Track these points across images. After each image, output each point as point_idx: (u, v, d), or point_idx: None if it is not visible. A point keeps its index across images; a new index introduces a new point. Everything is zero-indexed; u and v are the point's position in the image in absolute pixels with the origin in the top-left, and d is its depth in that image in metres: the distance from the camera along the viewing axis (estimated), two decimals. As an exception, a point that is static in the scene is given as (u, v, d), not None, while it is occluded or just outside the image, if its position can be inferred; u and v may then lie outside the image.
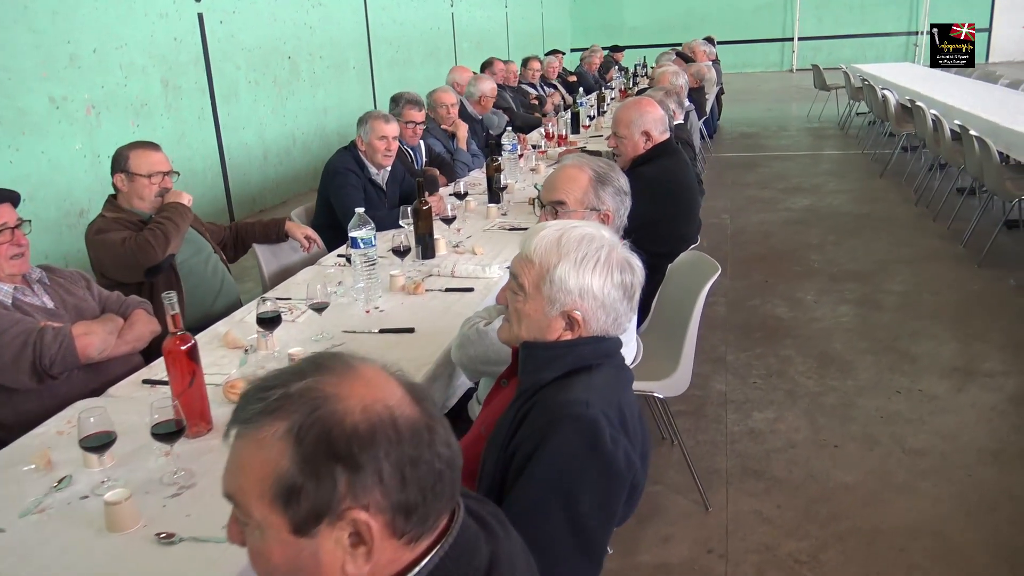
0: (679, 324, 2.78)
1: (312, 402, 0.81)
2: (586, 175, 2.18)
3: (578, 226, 1.50)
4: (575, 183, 2.19)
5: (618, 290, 1.46)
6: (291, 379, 0.84)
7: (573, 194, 2.18)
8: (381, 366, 0.91)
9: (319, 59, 9.08)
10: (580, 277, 1.44)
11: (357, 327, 2.55)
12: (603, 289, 1.45)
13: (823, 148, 10.24)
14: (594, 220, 2.11)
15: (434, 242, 3.27)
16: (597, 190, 2.16)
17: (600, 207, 2.16)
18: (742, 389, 3.73)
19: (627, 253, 1.50)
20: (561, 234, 1.48)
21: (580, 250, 1.45)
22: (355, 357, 0.91)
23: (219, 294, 3.09)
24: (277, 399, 0.82)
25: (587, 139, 6.26)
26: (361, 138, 3.88)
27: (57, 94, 5.59)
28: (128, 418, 1.97)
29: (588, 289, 1.44)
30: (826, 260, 5.58)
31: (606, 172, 2.18)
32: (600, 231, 1.50)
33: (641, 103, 3.36)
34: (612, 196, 2.18)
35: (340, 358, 0.89)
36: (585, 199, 2.17)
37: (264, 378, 0.85)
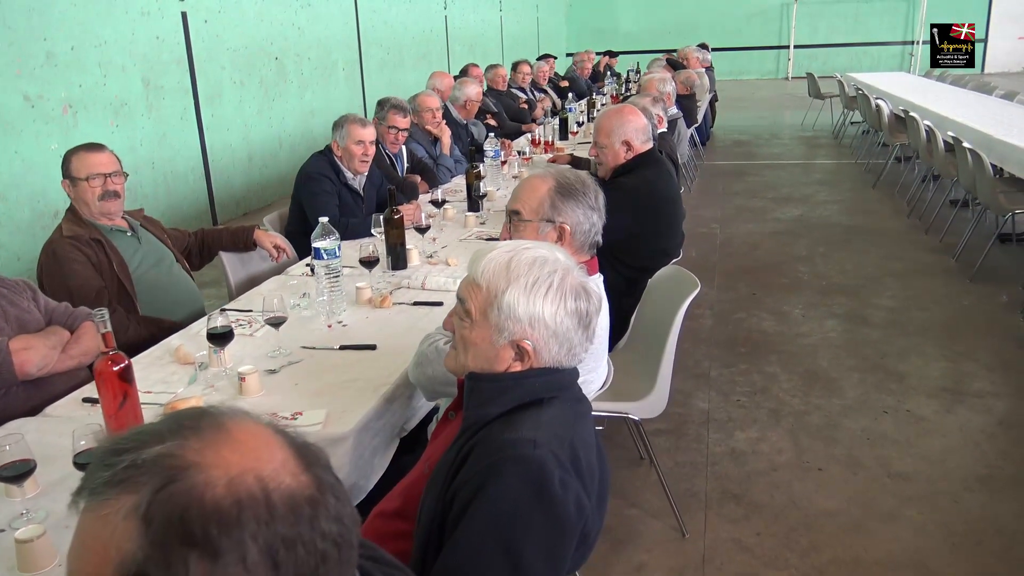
0: (657, 342, 2.66)
1: (167, 473, 0.67)
2: (547, 185, 2.06)
3: (530, 248, 1.38)
4: (533, 193, 2.07)
5: (572, 318, 1.34)
6: (146, 442, 0.69)
7: (529, 204, 2.07)
8: (265, 423, 0.76)
9: (307, 60, 8.96)
10: (530, 304, 1.32)
11: (317, 343, 2.43)
12: (555, 317, 1.33)
13: (816, 157, 10.16)
14: (549, 233, 2.02)
15: (406, 252, 3.16)
16: (555, 201, 2.04)
17: (556, 219, 2.04)
18: (725, 407, 3.62)
19: (583, 278, 1.38)
20: (511, 257, 1.36)
21: (531, 274, 1.34)
22: (233, 413, 0.76)
23: (181, 305, 2.96)
24: (126, 467, 0.67)
25: (575, 145, 6.15)
26: (337, 142, 3.76)
27: (32, 92, 5.46)
28: (62, 441, 1.85)
29: (539, 317, 1.32)
30: (815, 273, 5.47)
31: (571, 184, 2.06)
32: (554, 253, 1.39)
33: (623, 111, 3.25)
34: (573, 209, 2.04)
35: (210, 416, 0.74)
36: (540, 210, 2.05)
37: (117, 439, 0.71)
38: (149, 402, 2.05)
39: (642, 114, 3.22)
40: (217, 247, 3.33)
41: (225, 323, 2.18)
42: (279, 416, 1.93)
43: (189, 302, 3.00)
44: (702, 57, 10.90)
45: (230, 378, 2.16)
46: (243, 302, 2.84)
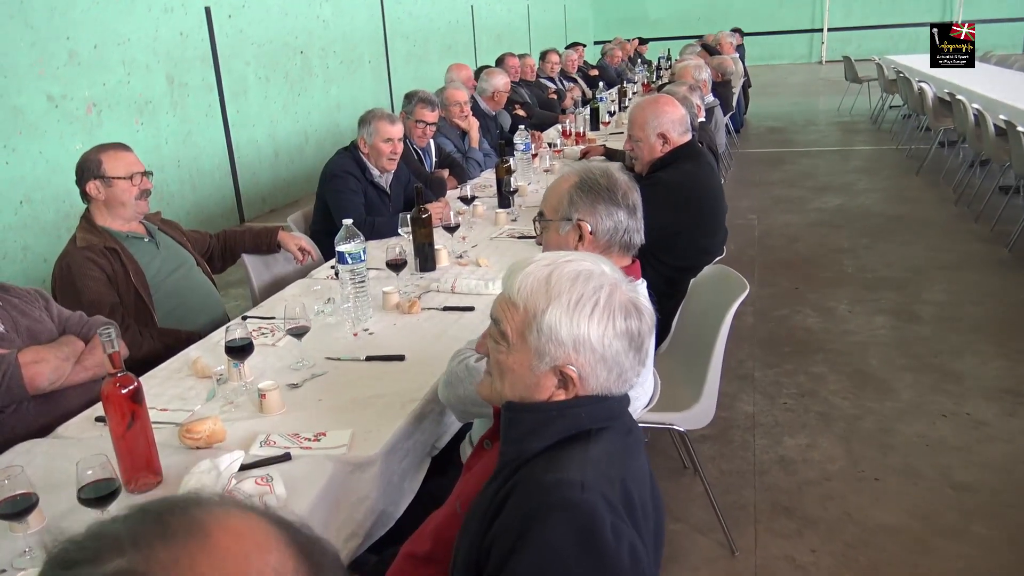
0: (703, 348, 2.50)
1: None
2: (568, 182, 1.90)
3: (572, 260, 1.22)
4: (554, 191, 1.93)
5: (622, 340, 1.18)
6: (102, 553, 0.53)
7: (550, 202, 1.93)
8: (259, 515, 0.60)
9: (332, 54, 8.85)
10: (574, 325, 1.16)
11: (342, 353, 2.29)
12: (603, 339, 1.17)
13: (854, 143, 9.85)
14: (570, 233, 1.87)
15: (434, 253, 3.01)
16: (573, 198, 1.87)
17: (573, 216, 1.87)
18: (771, 411, 3.44)
19: (632, 293, 1.22)
20: (551, 271, 1.20)
21: (574, 291, 1.18)
22: (215, 505, 0.59)
23: (201, 311, 2.85)
24: None
25: (607, 136, 5.97)
26: (364, 139, 3.62)
27: (56, 92, 5.40)
28: (71, 466, 1.74)
29: (584, 340, 1.17)
30: (859, 266, 5.25)
31: (594, 180, 1.89)
32: (599, 266, 1.22)
33: (658, 101, 3.07)
34: (594, 205, 1.87)
35: (186, 514, 0.57)
36: (559, 207, 1.89)
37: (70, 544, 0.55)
38: (164, 420, 1.94)
39: (680, 104, 3.03)
40: (240, 249, 3.21)
41: (244, 335, 2.05)
42: (301, 437, 1.80)
43: (210, 308, 2.89)
44: (735, 42, 10.62)
45: (250, 393, 2.04)
46: (265, 308, 2.72)
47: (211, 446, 1.79)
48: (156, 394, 2.10)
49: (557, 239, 1.88)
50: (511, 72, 7.32)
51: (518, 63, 7.56)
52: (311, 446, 1.77)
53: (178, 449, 1.79)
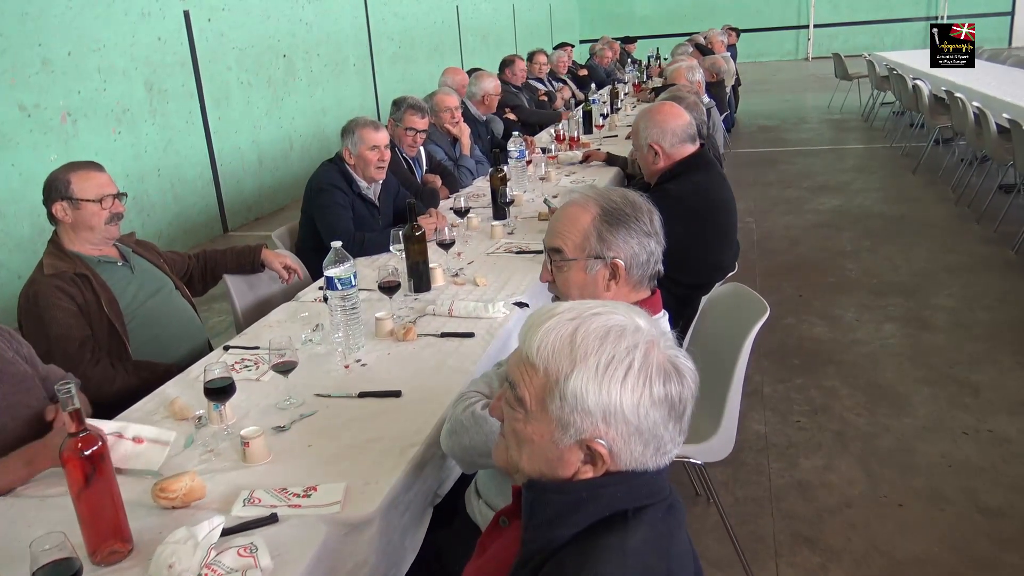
0: (719, 374, 2.33)
1: None
2: (589, 214, 1.67)
3: (600, 313, 1.04)
4: (574, 224, 1.68)
5: (660, 408, 1.00)
6: None
7: (571, 238, 1.68)
8: None
9: (316, 57, 8.65)
10: (604, 392, 0.98)
11: (333, 388, 2.11)
12: (638, 409, 0.99)
13: (847, 141, 9.73)
14: (600, 272, 1.66)
15: (429, 272, 2.83)
16: (602, 232, 1.66)
17: (606, 254, 1.66)
18: (784, 430, 3.28)
19: (672, 350, 1.04)
20: (576, 327, 1.02)
21: (603, 352, 1.00)
22: None
23: (182, 339, 2.66)
24: None
25: (601, 140, 5.80)
26: (348, 150, 3.44)
27: (28, 102, 5.18)
28: (31, 531, 1.56)
29: (616, 410, 0.98)
30: (863, 270, 5.10)
31: (618, 209, 1.67)
32: (632, 319, 1.04)
33: (653, 111, 2.88)
34: (626, 239, 1.66)
35: None
36: (585, 245, 1.66)
37: None
38: (138, 469, 1.75)
39: (683, 111, 2.84)
40: (221, 270, 3.02)
41: (224, 374, 1.87)
42: (289, 493, 1.62)
43: (190, 335, 2.69)
44: (726, 40, 10.48)
45: (232, 439, 1.85)
46: (249, 336, 2.53)
47: (189, 505, 1.61)
48: (129, 440, 1.91)
49: (582, 280, 1.66)
50: (519, 75, 7.13)
51: (524, 65, 7.36)
52: (301, 504, 1.59)
53: (152, 509, 1.61)
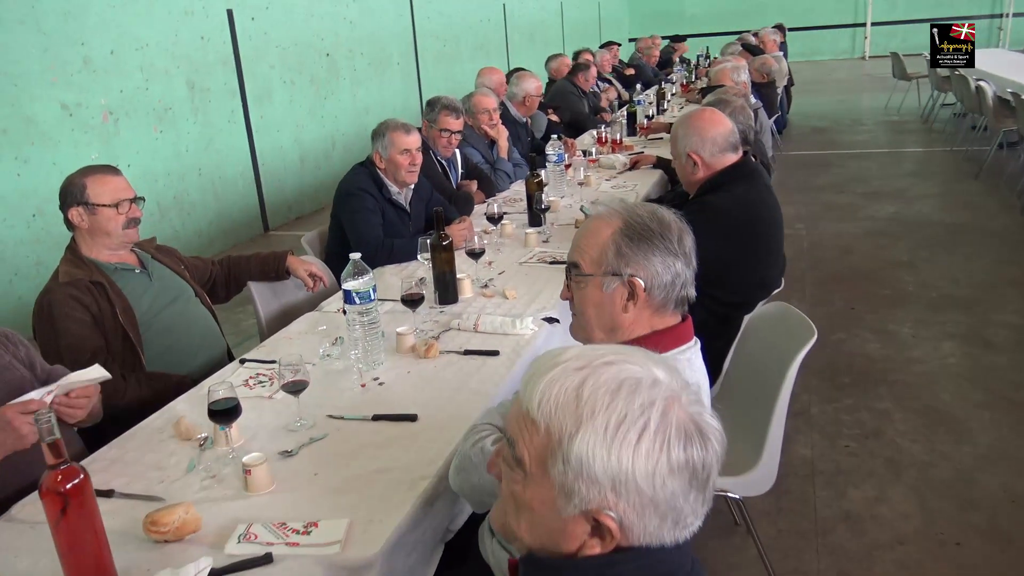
0: (762, 400, 2.17)
1: None
2: (611, 228, 1.50)
3: (613, 362, 0.89)
4: (594, 238, 1.52)
5: (679, 477, 0.85)
6: None
7: (589, 252, 1.52)
8: None
9: (360, 56, 8.60)
10: (614, 457, 0.83)
11: (346, 410, 2.00)
12: (653, 477, 0.84)
13: (905, 144, 9.37)
14: (617, 290, 1.49)
15: (456, 283, 2.71)
16: (621, 247, 1.49)
17: (623, 271, 1.48)
18: (832, 455, 3.09)
19: (697, 407, 0.89)
20: (583, 378, 0.87)
21: (614, 409, 0.85)
22: None
23: (199, 349, 2.57)
24: None
25: (645, 143, 5.62)
26: (379, 154, 3.33)
27: (70, 100, 5.20)
28: (19, 564, 1.47)
29: (628, 478, 0.83)
30: (920, 282, 4.85)
31: (643, 224, 1.49)
32: (650, 370, 0.89)
33: (692, 117, 2.70)
34: (647, 256, 1.48)
35: None
36: (603, 260, 1.50)
37: None
38: (134, 494, 1.66)
39: (724, 118, 2.66)
40: (245, 277, 2.94)
41: (229, 395, 1.77)
42: (288, 529, 1.50)
43: (209, 344, 2.61)
44: (778, 40, 10.18)
45: (237, 464, 1.75)
46: (267, 349, 2.44)
47: (182, 539, 1.50)
48: (131, 461, 1.83)
49: (598, 298, 1.51)
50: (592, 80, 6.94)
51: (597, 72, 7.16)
52: (299, 542, 1.47)
53: (143, 542, 1.51)
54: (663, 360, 0.92)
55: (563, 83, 6.86)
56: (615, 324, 1.49)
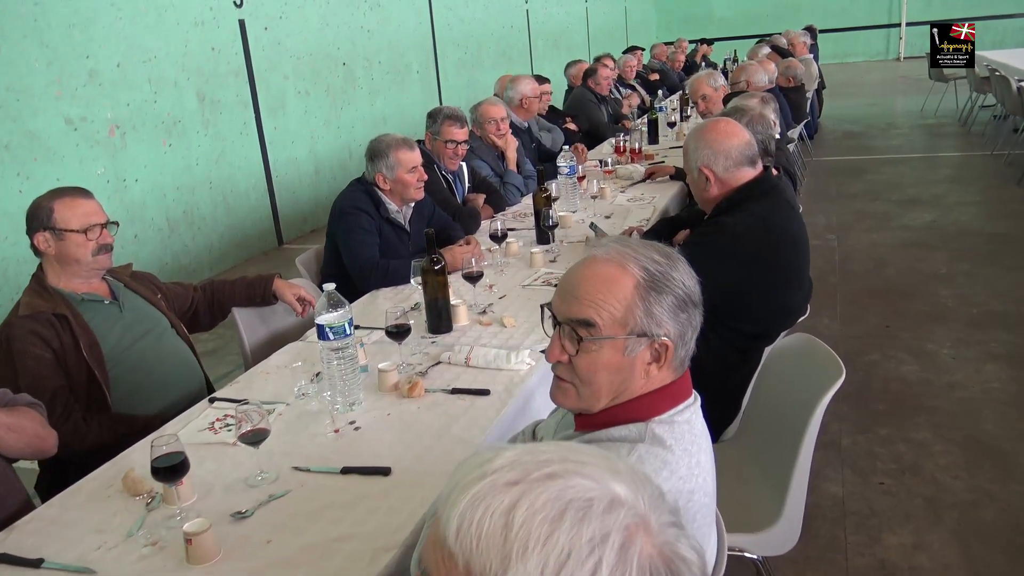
0: (784, 445, 1.93)
1: None
2: (631, 278, 1.23)
3: (556, 475, 0.67)
4: (612, 289, 1.22)
5: None
6: None
7: (607, 310, 1.22)
8: None
9: (377, 64, 8.45)
10: None
11: (314, 460, 1.80)
12: None
13: (942, 149, 9.00)
14: (641, 354, 1.24)
15: (450, 310, 2.50)
16: (648, 302, 1.22)
17: (654, 331, 1.23)
18: (864, 493, 2.83)
19: (671, 535, 0.67)
20: (516, 500, 0.65)
21: (554, 545, 0.62)
22: None
23: (172, 386, 2.39)
24: None
25: (667, 152, 5.38)
26: (383, 175, 3.12)
27: (74, 114, 5.09)
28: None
29: None
30: (960, 297, 4.55)
31: (663, 272, 1.24)
32: (608, 485, 0.67)
33: (704, 129, 2.45)
34: (675, 311, 1.24)
35: None
36: (629, 319, 1.22)
37: None
38: (65, 566, 1.47)
39: (741, 129, 2.41)
40: (229, 302, 2.75)
41: (175, 450, 1.57)
42: (225, 615, 1.31)
43: (184, 381, 2.43)
44: (808, 41, 9.87)
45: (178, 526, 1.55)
46: (241, 386, 2.25)
47: (105, 624, 1.31)
48: (73, 521, 1.64)
49: (617, 363, 1.23)
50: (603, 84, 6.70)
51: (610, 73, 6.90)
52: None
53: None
54: (627, 471, 0.70)
55: (580, 90, 6.64)
56: (626, 390, 1.27)
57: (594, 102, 6.50)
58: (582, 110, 6.40)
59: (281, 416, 2.03)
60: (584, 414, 1.30)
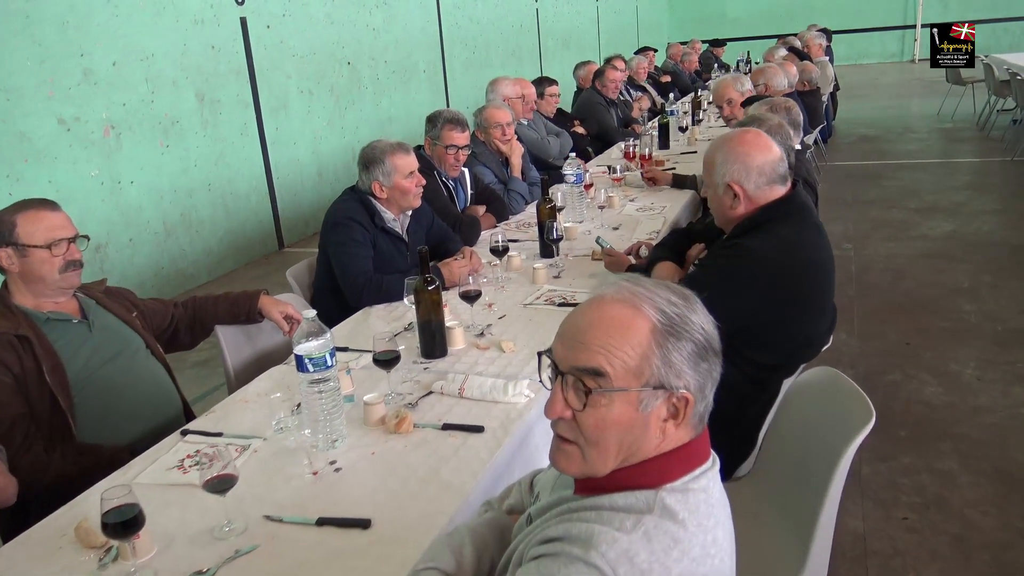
0: (806, 490, 1.76)
1: None
2: (646, 320, 1.06)
3: None
4: (625, 336, 1.06)
5: None
6: None
7: (620, 357, 1.05)
8: None
9: (383, 64, 8.29)
10: None
11: (287, 508, 1.63)
12: None
13: (960, 154, 8.78)
14: (657, 409, 1.07)
15: (445, 333, 2.33)
16: (666, 349, 1.06)
17: (674, 384, 1.06)
18: (887, 530, 2.65)
19: None
20: None
21: None
22: None
23: (144, 413, 2.22)
24: None
25: (678, 157, 5.19)
26: (379, 183, 2.95)
27: (67, 115, 4.94)
28: None
29: None
30: (984, 313, 4.35)
31: (682, 315, 1.07)
32: None
33: (733, 141, 2.22)
34: (695, 361, 1.07)
35: None
36: (644, 369, 1.05)
37: None
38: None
39: (773, 144, 2.22)
40: (212, 320, 2.59)
41: (126, 503, 1.41)
42: None
43: (157, 407, 2.26)
44: (823, 43, 9.65)
45: (136, 587, 1.39)
46: (217, 416, 2.08)
47: None
48: (16, 577, 1.48)
49: (629, 419, 1.07)
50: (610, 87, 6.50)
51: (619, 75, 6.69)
52: None
53: None
54: None
55: (589, 93, 6.45)
56: (638, 450, 1.09)
57: (603, 105, 6.32)
58: (591, 113, 6.22)
59: (256, 453, 1.86)
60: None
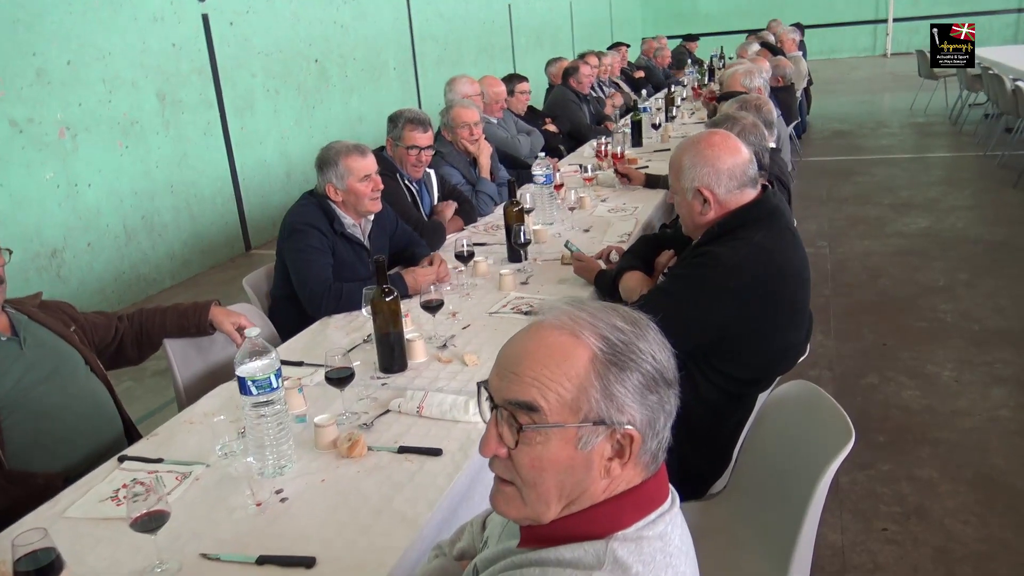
0: (784, 510, 1.67)
1: None
2: (585, 349, 0.95)
3: None
4: (561, 363, 0.94)
5: None
6: None
7: (554, 389, 0.94)
8: None
9: (352, 61, 8.13)
10: None
11: (228, 544, 1.51)
12: None
13: (934, 149, 8.78)
14: (598, 447, 0.95)
15: (404, 346, 2.21)
16: (606, 381, 0.94)
17: (616, 419, 0.94)
18: (867, 543, 2.57)
19: None
20: None
21: None
22: None
23: (83, 435, 2.09)
24: None
25: (650, 155, 5.10)
26: (333, 186, 2.84)
27: (20, 116, 4.76)
28: None
29: None
30: (960, 312, 4.30)
31: (627, 343, 0.96)
32: None
33: (701, 144, 2.11)
34: (643, 393, 0.95)
35: None
36: (581, 403, 0.94)
37: None
38: None
39: (741, 146, 2.12)
40: (159, 333, 2.45)
41: (43, 545, 1.28)
42: None
43: (97, 429, 2.12)
44: (796, 38, 9.61)
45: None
46: (158, 440, 1.95)
47: None
48: (-78, 630, 1.35)
49: (567, 460, 0.95)
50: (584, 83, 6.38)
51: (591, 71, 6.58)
52: None
53: None
54: None
55: (560, 89, 6.35)
56: (583, 493, 0.97)
57: (575, 102, 6.22)
58: (563, 110, 6.12)
59: (198, 481, 1.74)
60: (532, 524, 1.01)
